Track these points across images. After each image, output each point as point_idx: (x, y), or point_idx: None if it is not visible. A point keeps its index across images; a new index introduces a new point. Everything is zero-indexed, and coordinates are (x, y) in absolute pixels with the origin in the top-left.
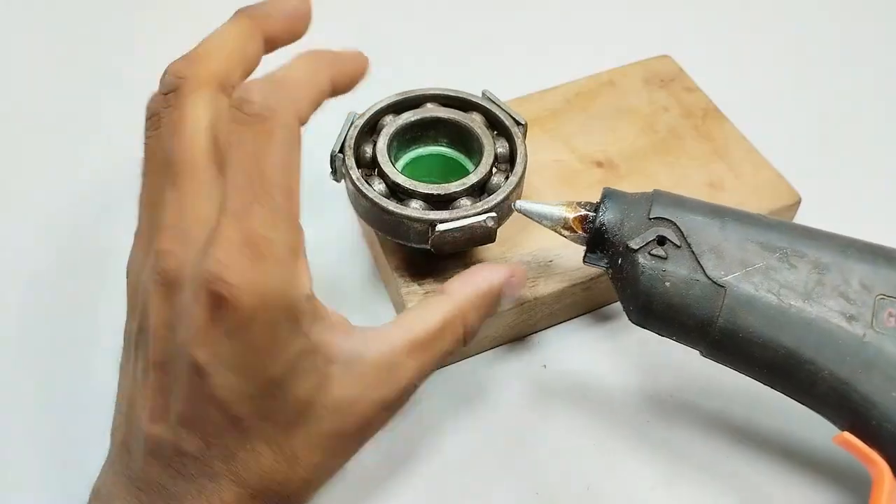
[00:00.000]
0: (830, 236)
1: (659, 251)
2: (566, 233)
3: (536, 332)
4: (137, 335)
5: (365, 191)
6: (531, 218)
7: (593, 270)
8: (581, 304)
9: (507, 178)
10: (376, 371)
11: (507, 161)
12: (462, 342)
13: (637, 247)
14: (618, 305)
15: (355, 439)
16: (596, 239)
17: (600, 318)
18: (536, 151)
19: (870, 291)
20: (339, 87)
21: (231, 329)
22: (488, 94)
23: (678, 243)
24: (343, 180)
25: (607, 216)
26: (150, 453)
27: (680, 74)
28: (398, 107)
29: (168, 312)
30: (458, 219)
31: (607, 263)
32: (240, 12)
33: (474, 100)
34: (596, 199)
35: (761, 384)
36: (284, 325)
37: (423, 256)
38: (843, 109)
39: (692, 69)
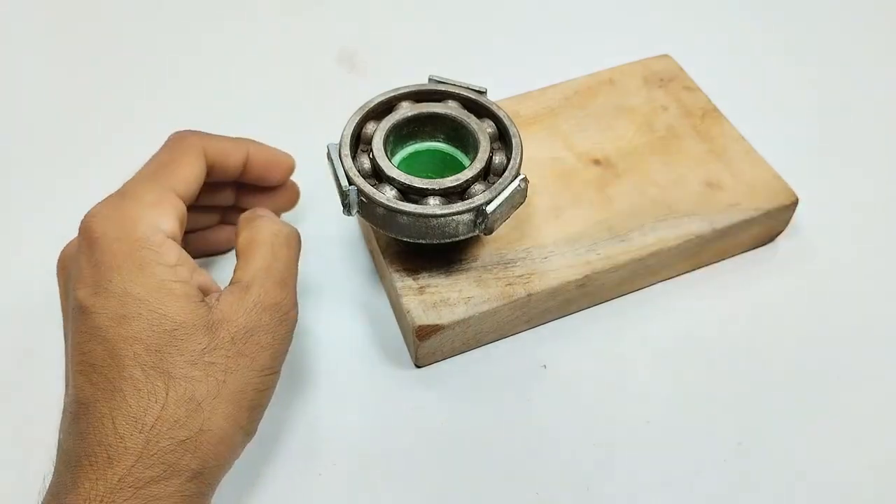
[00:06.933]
0: None
1: None
2: None
3: (532, 328)
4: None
5: (409, 209)
6: None
7: (588, 268)
8: (576, 301)
9: (505, 153)
10: (238, 289)
11: (497, 139)
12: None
13: None
14: (616, 303)
15: (234, 349)
16: None
17: (599, 317)
18: (534, 148)
19: None
20: (229, 170)
21: (98, 258)
22: (435, 77)
23: None
24: (358, 212)
25: None
26: (67, 412)
27: (680, 74)
28: (374, 113)
29: (65, 277)
30: (499, 194)
31: None
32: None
33: (440, 88)
34: (591, 197)
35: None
36: (145, 249)
37: (416, 251)
38: (842, 110)
39: (692, 69)
